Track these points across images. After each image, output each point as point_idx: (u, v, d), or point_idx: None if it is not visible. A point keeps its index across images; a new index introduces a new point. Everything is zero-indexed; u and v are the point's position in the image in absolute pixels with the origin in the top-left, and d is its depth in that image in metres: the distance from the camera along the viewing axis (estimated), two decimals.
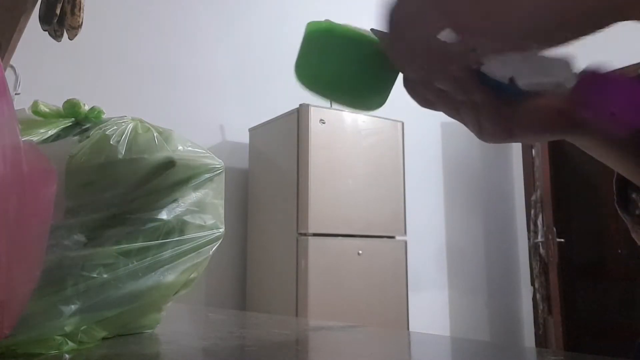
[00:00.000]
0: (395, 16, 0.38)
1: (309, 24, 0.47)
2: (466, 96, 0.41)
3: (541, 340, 3.43)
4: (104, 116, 0.65)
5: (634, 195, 0.49)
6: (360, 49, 0.45)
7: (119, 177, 0.58)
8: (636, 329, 3.34)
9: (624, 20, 0.30)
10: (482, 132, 0.43)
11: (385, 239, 2.47)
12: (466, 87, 0.40)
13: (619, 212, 0.50)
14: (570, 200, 3.92)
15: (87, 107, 0.64)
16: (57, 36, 1.01)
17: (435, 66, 0.40)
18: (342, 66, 0.46)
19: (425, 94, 0.44)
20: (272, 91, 2.91)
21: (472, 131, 0.44)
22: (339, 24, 0.46)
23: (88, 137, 0.59)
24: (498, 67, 0.39)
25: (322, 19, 0.48)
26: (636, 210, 0.49)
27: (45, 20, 0.96)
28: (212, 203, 0.67)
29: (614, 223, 3.81)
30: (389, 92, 0.47)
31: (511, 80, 0.40)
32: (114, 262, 0.56)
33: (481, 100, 0.41)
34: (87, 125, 0.63)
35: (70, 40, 1.04)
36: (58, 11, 0.96)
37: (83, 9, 1.01)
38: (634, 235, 0.49)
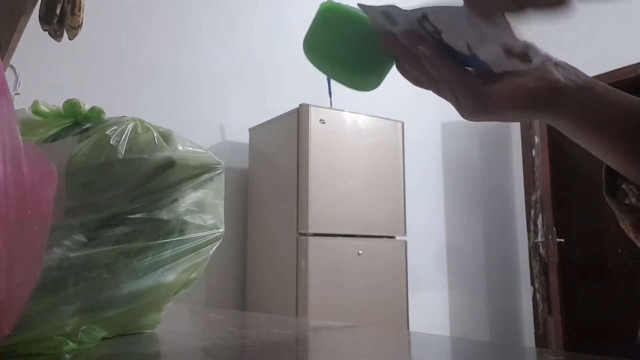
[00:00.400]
0: None
1: (321, 4, 0.50)
2: (437, 72, 0.43)
3: (541, 340, 3.43)
4: (104, 116, 0.65)
5: (624, 186, 0.49)
6: (359, 29, 0.48)
7: (119, 177, 0.58)
8: (636, 329, 3.33)
9: None
10: (461, 108, 0.44)
11: (385, 239, 2.47)
12: (434, 62, 0.42)
13: (607, 200, 0.50)
14: (570, 200, 3.92)
15: (87, 107, 0.64)
16: (57, 36, 1.01)
17: (410, 41, 0.43)
18: (340, 44, 0.49)
19: (413, 73, 0.45)
20: (272, 91, 2.91)
21: (453, 106, 0.45)
22: (343, 6, 0.48)
23: (88, 137, 0.59)
24: (454, 37, 0.41)
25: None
26: (625, 200, 0.49)
27: (45, 20, 0.96)
28: (212, 203, 0.67)
29: (614, 223, 3.80)
30: (385, 74, 0.50)
31: (470, 51, 0.41)
32: (114, 262, 0.56)
33: (452, 76, 0.42)
34: (87, 125, 0.63)
35: (70, 40, 1.04)
36: (58, 11, 0.95)
37: (83, 9, 1.01)
38: (621, 224, 0.50)
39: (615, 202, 0.50)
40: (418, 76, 0.45)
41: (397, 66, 0.47)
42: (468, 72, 0.43)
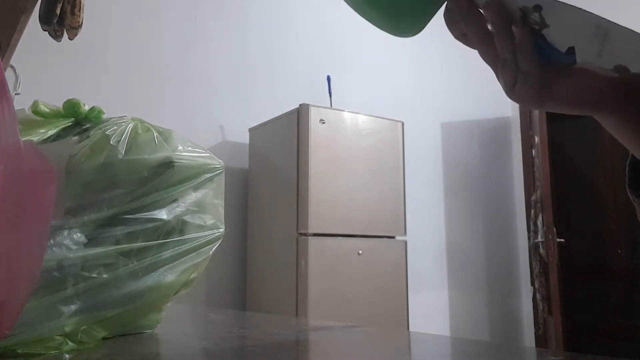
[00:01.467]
0: None
1: None
2: (508, 54, 0.40)
3: (541, 340, 3.43)
4: (104, 116, 0.64)
5: None
6: None
7: (119, 177, 0.58)
8: (636, 329, 3.34)
9: None
10: (513, 91, 0.42)
11: (385, 239, 2.47)
12: (523, 49, 0.40)
13: (629, 194, 0.50)
14: (570, 200, 3.92)
15: (87, 107, 0.64)
16: (57, 36, 1.01)
17: (499, 18, 0.39)
18: None
19: (464, 31, 0.42)
20: (272, 91, 2.91)
21: (501, 85, 0.43)
22: None
23: (88, 137, 0.59)
24: (562, 35, 0.38)
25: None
26: None
27: (45, 20, 0.96)
28: (212, 203, 0.67)
29: (614, 223, 3.81)
30: (430, 18, 0.43)
31: (569, 50, 0.39)
32: (114, 262, 0.56)
33: (529, 67, 0.40)
34: (87, 125, 0.63)
35: (70, 40, 1.04)
36: (58, 11, 0.95)
37: (83, 9, 1.01)
38: None
39: (637, 197, 0.49)
40: (470, 37, 0.42)
41: (446, 18, 0.42)
42: (543, 65, 0.41)
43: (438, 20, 0.45)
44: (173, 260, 0.60)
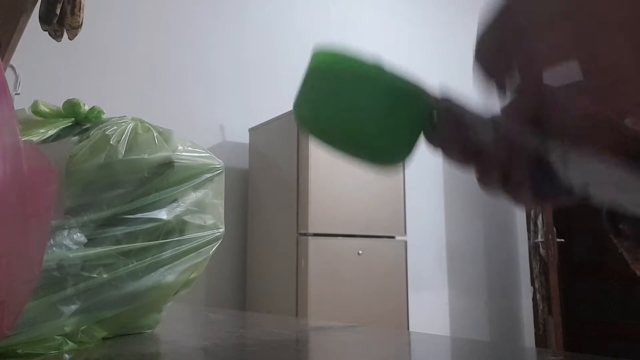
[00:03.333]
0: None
1: (315, 52, 0.35)
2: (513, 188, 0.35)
3: (541, 340, 3.43)
4: (104, 116, 0.64)
5: (622, 227, 0.46)
6: (376, 87, 0.34)
7: (119, 177, 0.58)
8: (636, 329, 3.34)
9: None
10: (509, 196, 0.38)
11: (385, 239, 2.47)
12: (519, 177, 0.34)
13: (616, 243, 0.48)
14: None
15: (87, 107, 0.64)
16: (57, 36, 1.01)
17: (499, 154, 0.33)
18: (348, 108, 0.34)
19: (458, 155, 0.37)
20: (272, 91, 2.91)
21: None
22: (349, 54, 0.34)
23: (88, 137, 0.59)
24: (577, 171, 0.31)
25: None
26: (624, 242, 0.46)
27: (45, 20, 0.96)
28: (212, 203, 0.67)
29: None
30: (415, 144, 0.36)
31: (583, 189, 0.32)
32: (114, 262, 0.56)
33: (527, 199, 0.35)
34: (87, 125, 0.62)
35: (70, 40, 1.04)
36: (58, 11, 0.95)
37: (83, 9, 1.01)
38: (633, 267, 0.46)
39: (622, 244, 0.47)
40: (464, 162, 0.37)
41: (432, 142, 0.36)
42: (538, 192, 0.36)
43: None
44: (173, 260, 0.60)
